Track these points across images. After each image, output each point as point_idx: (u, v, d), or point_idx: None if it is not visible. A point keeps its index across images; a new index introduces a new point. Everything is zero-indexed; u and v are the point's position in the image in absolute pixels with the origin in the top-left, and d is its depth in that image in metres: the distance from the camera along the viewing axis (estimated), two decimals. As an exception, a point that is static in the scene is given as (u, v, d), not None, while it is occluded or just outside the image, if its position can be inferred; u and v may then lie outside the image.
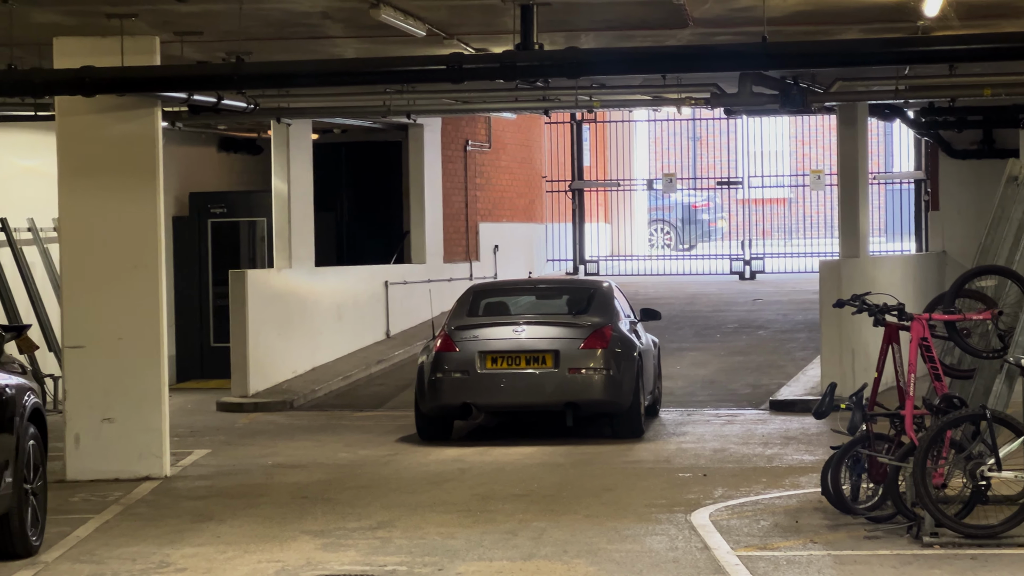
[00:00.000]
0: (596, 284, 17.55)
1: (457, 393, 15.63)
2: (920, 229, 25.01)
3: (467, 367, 15.58)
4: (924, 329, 11.09)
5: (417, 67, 13.44)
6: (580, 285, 18.11)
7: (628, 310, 17.04)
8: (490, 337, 15.77)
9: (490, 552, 10.46)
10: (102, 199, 14.15)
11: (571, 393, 15.53)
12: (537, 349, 15.61)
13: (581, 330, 15.79)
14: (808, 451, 14.88)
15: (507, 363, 15.59)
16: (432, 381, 15.66)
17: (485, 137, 26.75)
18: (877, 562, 9.94)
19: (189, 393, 20.98)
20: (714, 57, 13.13)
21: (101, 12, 13.24)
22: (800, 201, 37.44)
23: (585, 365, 15.52)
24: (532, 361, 15.56)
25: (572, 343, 15.62)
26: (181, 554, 10.58)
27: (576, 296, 16.85)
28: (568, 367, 15.50)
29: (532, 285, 18.82)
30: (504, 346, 15.65)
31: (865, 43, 14.25)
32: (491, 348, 15.63)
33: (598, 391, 15.53)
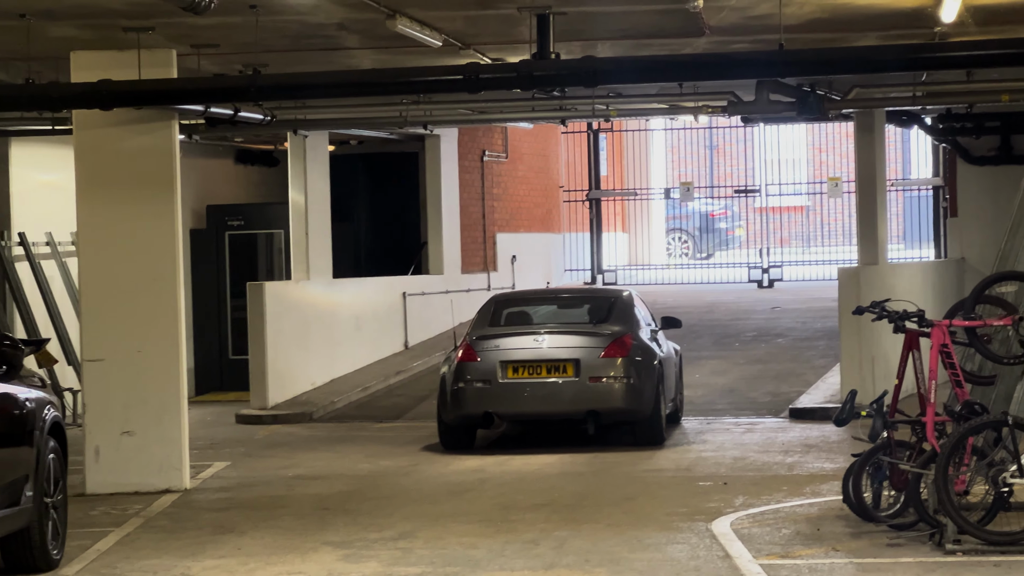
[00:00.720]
0: (616, 293, 17.61)
1: (479, 402, 15.73)
2: (938, 236, 24.95)
3: (489, 377, 15.69)
4: (944, 335, 11.05)
5: (434, 77, 13.45)
6: (600, 294, 18.20)
7: (649, 318, 17.10)
8: (511, 347, 15.87)
9: (512, 562, 10.44)
10: (120, 212, 14.17)
11: (592, 401, 15.61)
12: (558, 358, 15.71)
13: (601, 339, 15.87)
14: (829, 459, 14.84)
15: (528, 372, 15.69)
16: (454, 391, 15.77)
17: (502, 147, 26.75)
18: (900, 570, 9.89)
19: (208, 405, 20.99)
20: (731, 65, 13.12)
21: (118, 26, 13.27)
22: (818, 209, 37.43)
23: (606, 374, 15.61)
24: (553, 370, 15.66)
25: (592, 352, 15.71)
26: (202, 566, 10.58)
27: (596, 305, 16.89)
28: (589, 376, 15.58)
29: (553, 295, 18.94)
30: (525, 355, 15.75)
31: (882, 50, 14.24)
32: (512, 358, 15.73)
33: (619, 399, 15.63)
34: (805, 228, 37.35)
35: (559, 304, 17.59)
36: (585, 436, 16.01)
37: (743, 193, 32.30)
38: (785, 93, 16.87)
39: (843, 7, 13.59)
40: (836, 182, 29.14)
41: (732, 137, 36.72)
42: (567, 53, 13.37)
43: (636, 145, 32.60)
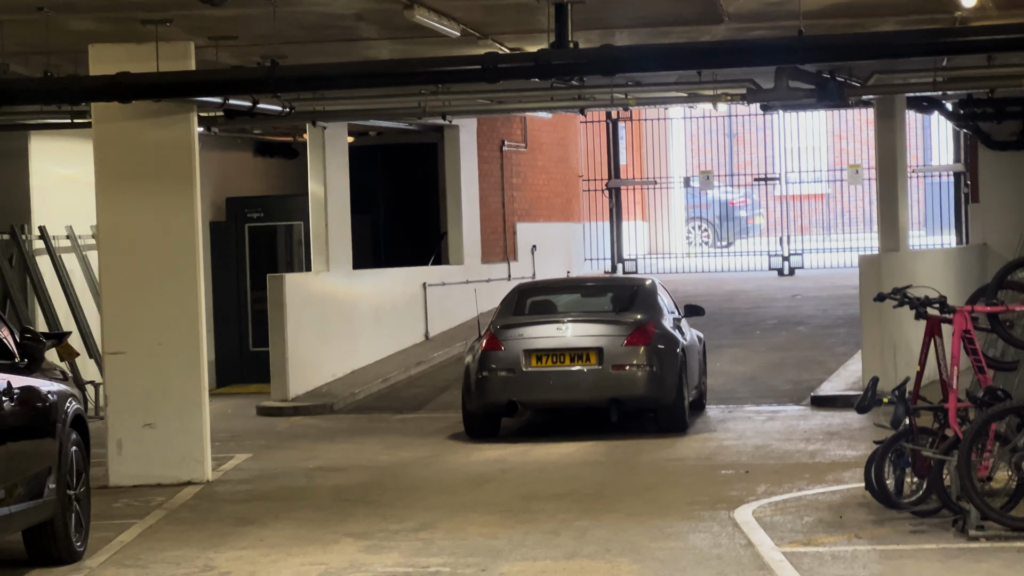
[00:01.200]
0: (639, 281, 17.69)
1: (503, 391, 15.85)
2: (960, 222, 24.86)
3: (513, 365, 15.81)
4: (966, 321, 11.01)
5: (452, 67, 13.43)
6: (623, 283, 18.24)
7: (672, 306, 17.21)
8: (535, 335, 15.97)
9: (533, 552, 10.43)
10: (140, 205, 14.19)
11: (615, 389, 15.71)
12: (581, 347, 15.79)
13: (624, 327, 15.96)
14: (850, 446, 14.80)
15: (552, 361, 15.79)
16: (479, 380, 15.91)
17: (521, 137, 26.72)
18: (923, 556, 9.86)
19: (229, 398, 21.01)
20: (750, 52, 13.07)
21: (136, 18, 13.27)
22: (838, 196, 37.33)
23: (628, 362, 15.70)
24: (576, 358, 15.75)
25: (615, 340, 15.80)
26: (224, 558, 10.59)
27: (619, 293, 17.00)
28: (612, 364, 15.68)
29: (576, 283, 19.02)
30: (549, 344, 15.83)
31: (902, 35, 14.16)
32: (536, 346, 15.83)
33: (641, 387, 15.72)
34: (825, 215, 37.25)
35: (582, 293, 17.65)
36: (606, 425, 16.06)
37: (763, 181, 32.21)
38: (804, 80, 16.81)
39: (862, -8, 13.56)
40: (856, 169, 29.05)
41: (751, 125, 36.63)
42: (585, 42, 13.33)
43: (655, 134, 32.55)
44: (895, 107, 19.42)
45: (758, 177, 32.53)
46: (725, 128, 38.71)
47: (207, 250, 21.91)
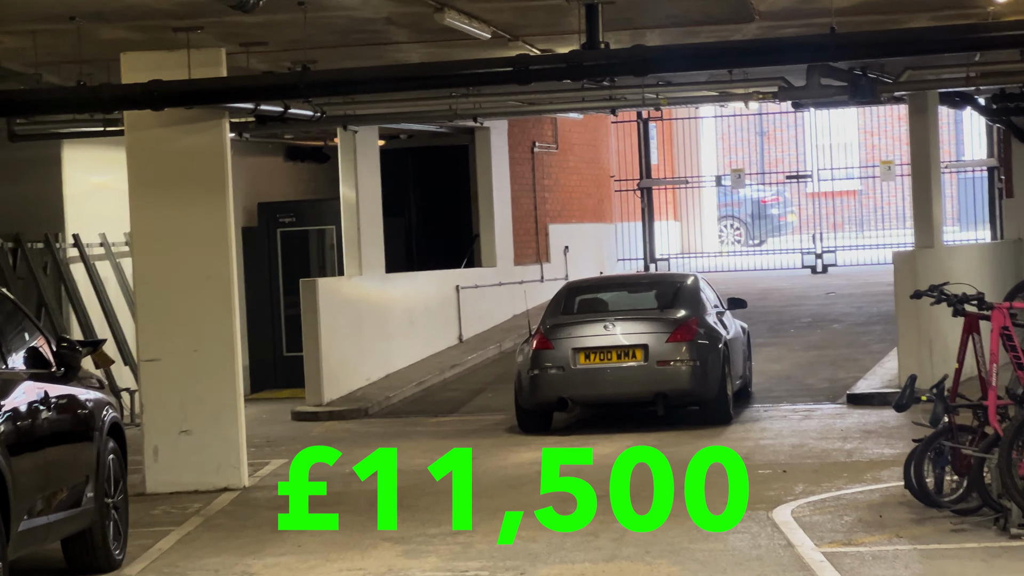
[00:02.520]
0: (683, 278, 18.17)
1: (554, 388, 16.47)
2: (994, 217, 24.75)
3: (563, 363, 16.39)
4: (1005, 318, 10.94)
5: (483, 70, 13.40)
6: (667, 279, 18.64)
7: (715, 300, 17.81)
8: (583, 334, 16.56)
9: (572, 555, 10.40)
10: (173, 212, 14.21)
11: (660, 384, 16.29)
12: (627, 344, 16.37)
13: (668, 324, 16.53)
14: (888, 444, 14.73)
15: (599, 358, 16.37)
16: (531, 378, 16.52)
17: (552, 138, 26.70)
18: (965, 555, 9.80)
19: (264, 403, 21.03)
20: (782, 50, 13.03)
21: (167, 26, 13.30)
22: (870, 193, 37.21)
23: (672, 357, 16.26)
24: (623, 355, 16.32)
25: (660, 337, 16.36)
26: (263, 564, 10.59)
27: (663, 290, 17.51)
28: (657, 360, 16.25)
29: (622, 280, 19.70)
30: (596, 342, 16.41)
31: (935, 31, 14.10)
32: (584, 345, 16.41)
33: (685, 381, 16.28)
34: (858, 212, 37.13)
35: (628, 289, 18.18)
36: (645, 424, 16.25)
37: (794, 179, 32.12)
38: (836, 77, 16.74)
39: (894, -11, 13.49)
40: (888, 165, 28.94)
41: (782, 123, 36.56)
42: (616, 42, 13.30)
43: (686, 133, 32.50)
44: (928, 103, 19.32)
45: (790, 175, 32.45)
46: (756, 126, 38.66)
47: (239, 255, 21.90)
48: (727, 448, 15.05)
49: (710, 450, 14.98)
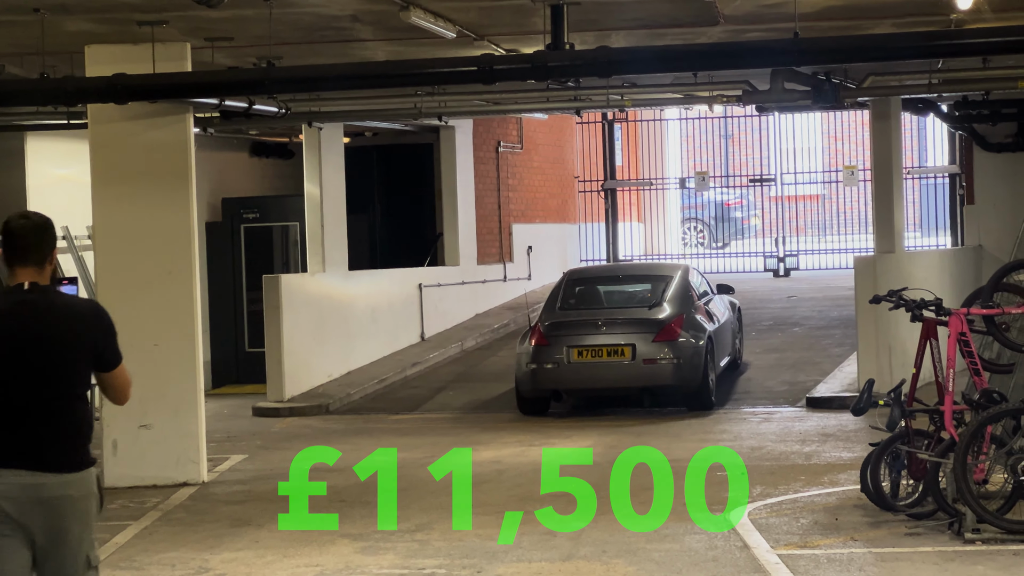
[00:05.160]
0: (673, 270, 19.47)
1: (549, 381, 17.99)
2: (955, 223, 24.88)
3: (558, 359, 17.76)
4: (962, 324, 11.02)
5: (448, 69, 13.42)
6: (658, 272, 19.81)
7: (705, 287, 19.50)
8: (576, 333, 17.92)
9: (529, 553, 10.43)
10: (136, 206, 14.18)
11: (646, 379, 17.71)
12: (616, 343, 17.69)
13: (653, 325, 17.80)
14: (846, 448, 14.81)
15: (591, 355, 17.71)
16: (529, 371, 17.93)
17: (517, 138, 26.73)
18: (919, 559, 9.87)
19: (225, 398, 21.00)
20: (746, 54, 13.08)
21: (132, 20, 13.26)
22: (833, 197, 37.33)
23: (657, 356, 17.60)
24: (612, 353, 17.65)
25: (646, 337, 17.67)
26: (220, 559, 10.59)
27: (654, 285, 18.86)
28: (643, 358, 17.60)
29: (618, 272, 21.16)
30: (588, 341, 17.77)
31: (898, 37, 14.16)
32: (577, 343, 17.78)
33: (668, 377, 17.63)
34: (821, 217, 37.28)
35: (622, 283, 19.54)
36: (620, 417, 17.29)
37: (758, 182, 32.22)
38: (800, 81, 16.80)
39: (858, -5, 13.55)
40: (852, 170, 29.05)
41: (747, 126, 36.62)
42: (581, 43, 13.33)
43: (651, 135, 32.56)
44: (891, 109, 19.43)
45: (753, 178, 32.55)
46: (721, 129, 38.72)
47: (203, 251, 21.89)
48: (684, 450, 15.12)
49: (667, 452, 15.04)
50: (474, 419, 18.18)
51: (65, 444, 6.18)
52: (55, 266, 6.36)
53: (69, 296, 6.42)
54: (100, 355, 6.33)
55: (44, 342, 6.17)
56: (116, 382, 6.45)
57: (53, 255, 6.31)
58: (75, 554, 6.15)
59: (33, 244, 6.26)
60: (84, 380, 6.29)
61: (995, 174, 22.89)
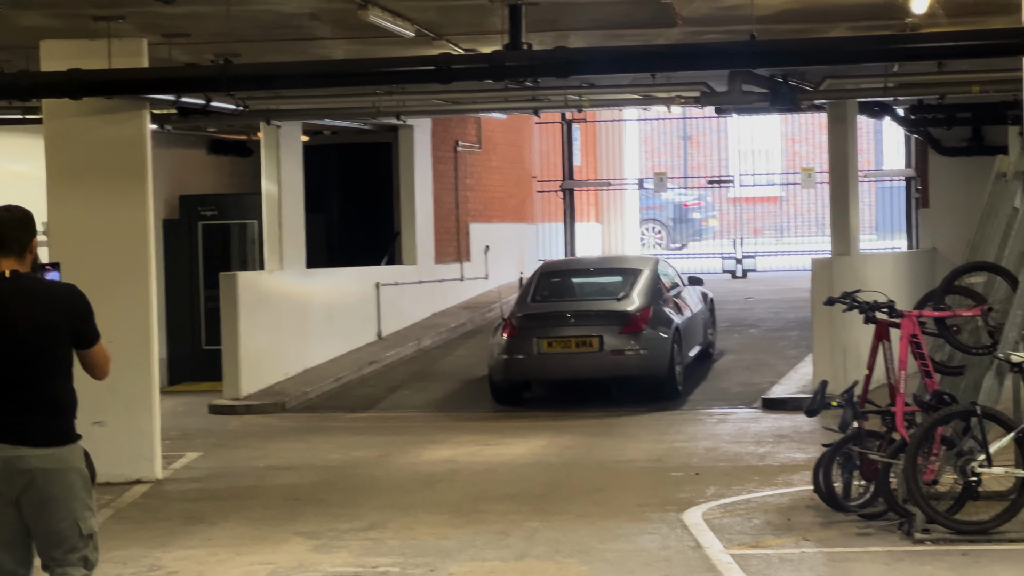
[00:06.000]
0: (642, 266, 19.70)
1: (520, 370, 18.55)
2: (911, 226, 25.04)
3: (528, 350, 18.23)
4: (914, 326, 11.09)
5: (406, 68, 13.43)
6: (628, 266, 20.06)
7: (675, 279, 20.16)
8: (546, 325, 18.38)
9: (482, 552, 10.45)
10: (91, 202, 14.13)
11: (613, 370, 18.23)
12: (584, 335, 18.15)
13: (621, 317, 18.24)
14: (800, 449, 14.88)
15: (561, 346, 18.18)
16: (502, 361, 18.44)
17: (475, 138, 26.73)
18: (869, 559, 9.93)
19: (181, 396, 20.93)
20: (703, 56, 13.13)
21: (88, 15, 13.22)
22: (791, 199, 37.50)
23: (624, 347, 18.08)
24: (581, 344, 18.12)
25: (613, 329, 18.14)
26: (172, 557, 10.57)
27: (624, 278, 19.22)
28: (611, 350, 18.07)
29: (589, 265, 21.56)
30: (558, 333, 18.24)
31: (853, 41, 14.27)
32: (547, 335, 18.28)
33: (635, 368, 18.16)
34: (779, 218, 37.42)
35: (593, 275, 20.12)
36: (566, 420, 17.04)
37: (717, 183, 32.33)
38: (758, 83, 16.90)
39: (814, -2, 13.63)
40: (810, 172, 29.17)
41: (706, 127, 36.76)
42: (539, 44, 13.35)
43: (610, 135, 32.61)
44: (847, 112, 19.54)
45: (712, 179, 32.65)
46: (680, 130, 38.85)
47: (160, 248, 21.80)
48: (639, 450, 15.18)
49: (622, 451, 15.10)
50: (429, 418, 18.20)
51: (46, 420, 6.65)
52: (35, 255, 6.85)
53: (48, 280, 6.98)
54: (78, 334, 6.80)
55: (24, 324, 6.66)
56: (95, 359, 6.91)
57: (33, 245, 6.81)
58: (62, 523, 6.61)
59: (14, 236, 6.75)
60: (65, 358, 6.75)
61: (950, 178, 23.04)
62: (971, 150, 22.71)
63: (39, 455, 6.59)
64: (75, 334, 6.79)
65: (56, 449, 6.65)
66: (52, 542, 6.65)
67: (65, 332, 6.74)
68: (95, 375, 6.95)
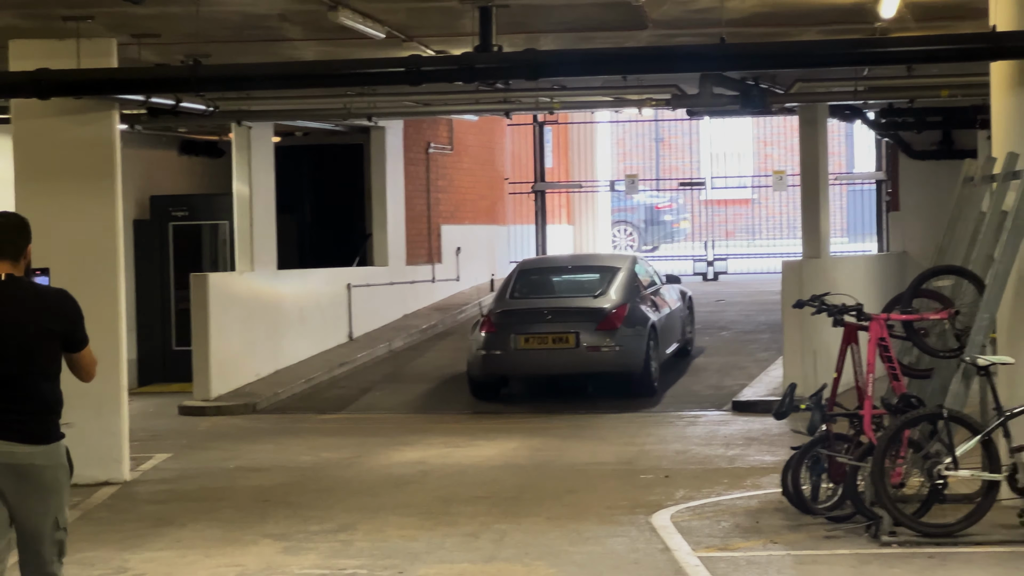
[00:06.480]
0: (619, 264, 19.99)
1: (498, 366, 18.79)
2: (881, 229, 25.12)
3: (505, 346, 18.48)
4: (882, 329, 11.13)
5: (376, 69, 13.42)
6: (606, 264, 20.32)
7: (653, 277, 20.34)
8: (524, 321, 18.65)
9: (451, 555, 10.44)
10: (60, 203, 14.07)
11: (589, 366, 18.49)
12: (561, 331, 18.40)
13: (597, 314, 18.48)
14: (770, 451, 14.91)
15: (537, 342, 18.45)
16: (480, 356, 18.71)
17: (447, 139, 26.73)
18: (836, 561, 9.96)
19: (151, 397, 20.88)
20: (673, 58, 13.15)
21: (57, 15, 13.18)
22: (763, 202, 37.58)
23: (600, 344, 18.34)
24: (557, 341, 18.39)
25: (589, 326, 18.40)
26: (140, 559, 10.54)
27: (601, 275, 19.49)
28: (587, 346, 18.34)
29: (567, 263, 21.77)
30: (535, 329, 18.50)
31: (823, 44, 14.30)
32: (524, 331, 18.52)
33: (611, 364, 18.40)
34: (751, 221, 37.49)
35: (571, 273, 20.30)
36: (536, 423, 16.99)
37: (687, 186, 32.38)
38: (728, 86, 16.94)
39: (784, 1, 13.65)
40: (781, 175, 29.23)
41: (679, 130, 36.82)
42: (510, 46, 13.37)
43: (582, 137, 32.63)
44: (818, 115, 19.61)
45: (683, 182, 32.70)
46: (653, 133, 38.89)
47: (130, 248, 21.78)
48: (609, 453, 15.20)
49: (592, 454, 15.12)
50: (400, 419, 18.19)
51: (36, 418, 6.91)
52: (28, 260, 7.12)
53: (40, 285, 7.19)
54: (68, 337, 7.06)
55: (16, 325, 6.90)
56: (83, 362, 7.15)
57: (27, 250, 7.08)
58: (43, 516, 6.91)
59: (10, 240, 7.04)
60: (53, 360, 7.01)
61: (920, 181, 23.12)
62: (941, 154, 22.80)
63: (29, 451, 6.85)
64: (66, 337, 7.04)
65: (45, 446, 6.90)
66: (33, 535, 6.92)
67: (56, 335, 6.98)
68: (82, 377, 7.20)
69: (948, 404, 10.73)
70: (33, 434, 6.88)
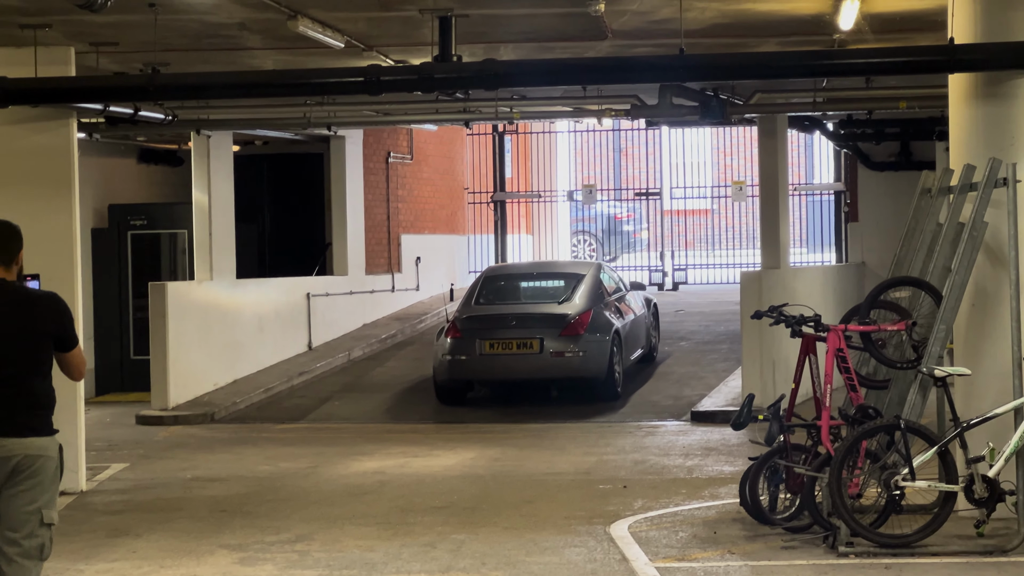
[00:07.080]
0: (586, 268, 20.46)
1: (463, 371, 18.98)
2: (840, 240, 25.21)
3: (470, 351, 18.69)
4: (840, 340, 11.16)
5: (334, 79, 13.41)
6: (571, 271, 20.64)
7: (617, 284, 20.65)
8: (488, 327, 18.87)
9: (408, 565, 10.42)
10: (16, 211, 13.77)
11: (553, 371, 18.73)
12: (525, 337, 18.65)
13: (561, 320, 18.76)
14: (728, 462, 14.94)
15: (502, 348, 18.67)
16: (445, 361, 18.92)
17: (407, 149, 26.71)
18: (793, 572, 9.97)
19: (108, 406, 20.78)
20: (632, 69, 13.18)
21: (14, 22, 13.11)
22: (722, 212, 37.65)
23: (564, 349, 18.62)
24: (522, 346, 18.63)
25: (554, 331, 18.67)
26: (95, 570, 10.47)
27: (566, 282, 19.88)
28: (551, 351, 18.60)
29: (533, 270, 21.86)
30: (499, 335, 18.72)
31: (782, 56, 14.35)
32: (489, 337, 18.75)
33: (575, 369, 18.69)
34: (710, 231, 37.56)
35: (536, 280, 20.60)
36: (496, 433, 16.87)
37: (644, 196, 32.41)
38: (688, 97, 16.99)
39: (744, 13, 13.69)
40: (740, 186, 29.30)
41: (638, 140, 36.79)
42: (470, 55, 13.38)
43: (542, 147, 32.62)
44: (777, 126, 19.67)
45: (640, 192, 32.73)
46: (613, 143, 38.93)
47: (88, 257, 21.67)
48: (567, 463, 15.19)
49: (550, 464, 15.11)
50: (359, 429, 18.14)
51: (29, 414, 7.18)
52: (21, 265, 7.42)
53: (31, 289, 7.50)
54: (60, 338, 7.32)
55: (12, 327, 7.19)
56: (74, 361, 7.46)
57: (19, 256, 7.39)
58: (29, 509, 7.14)
59: (3, 247, 7.33)
60: (47, 360, 7.30)
61: (878, 192, 23.24)
62: (899, 165, 22.92)
63: (22, 443, 7.14)
64: (58, 338, 7.31)
65: (38, 439, 7.18)
66: (14, 525, 7.12)
67: (49, 336, 7.27)
68: (73, 376, 7.52)
69: (905, 415, 10.77)
70: (27, 427, 7.16)
